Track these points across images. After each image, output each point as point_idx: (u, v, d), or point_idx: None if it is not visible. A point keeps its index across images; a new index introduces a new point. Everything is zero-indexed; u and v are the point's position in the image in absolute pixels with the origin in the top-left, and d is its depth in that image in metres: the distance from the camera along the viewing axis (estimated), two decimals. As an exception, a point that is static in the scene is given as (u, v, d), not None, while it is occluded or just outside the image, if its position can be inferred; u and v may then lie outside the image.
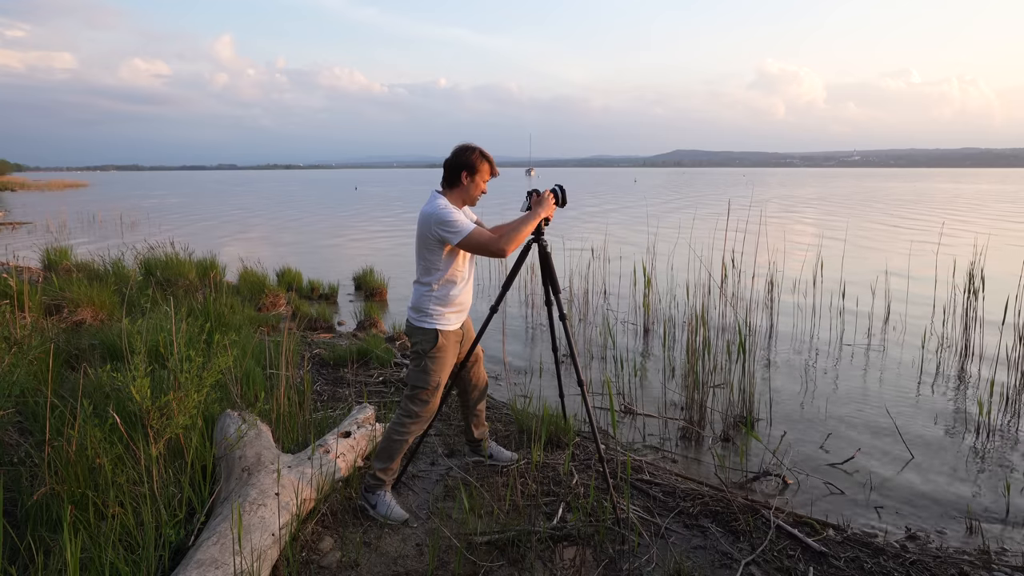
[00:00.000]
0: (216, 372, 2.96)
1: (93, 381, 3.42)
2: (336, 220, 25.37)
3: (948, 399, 5.22)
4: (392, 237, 18.28)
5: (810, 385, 5.55)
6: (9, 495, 2.67)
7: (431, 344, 2.94)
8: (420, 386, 2.98)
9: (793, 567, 2.72)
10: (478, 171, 2.94)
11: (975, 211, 26.25)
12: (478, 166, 2.93)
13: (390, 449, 3.03)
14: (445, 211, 2.82)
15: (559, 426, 3.91)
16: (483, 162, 2.94)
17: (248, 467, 2.78)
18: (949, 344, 6.57)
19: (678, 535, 2.98)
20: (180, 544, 2.46)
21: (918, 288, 8.58)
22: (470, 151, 2.94)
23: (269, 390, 4.10)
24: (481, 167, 2.94)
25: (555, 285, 3.06)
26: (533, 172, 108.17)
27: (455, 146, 2.99)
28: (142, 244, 9.38)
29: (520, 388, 5.34)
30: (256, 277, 8.74)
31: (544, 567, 2.68)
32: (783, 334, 7.15)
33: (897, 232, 17.69)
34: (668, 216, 22.61)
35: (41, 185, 59.41)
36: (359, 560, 2.70)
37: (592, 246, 10.19)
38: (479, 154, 2.94)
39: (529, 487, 3.30)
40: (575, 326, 7.53)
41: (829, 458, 4.09)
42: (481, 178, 2.96)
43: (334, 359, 5.56)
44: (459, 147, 2.97)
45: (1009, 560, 2.96)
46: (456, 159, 2.94)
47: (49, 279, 6.83)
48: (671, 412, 4.86)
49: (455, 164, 2.93)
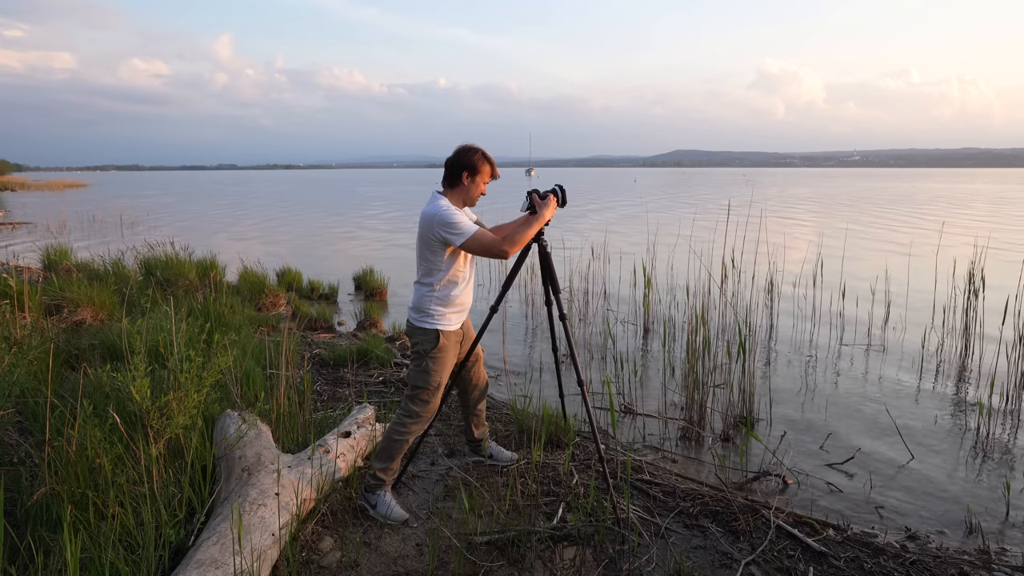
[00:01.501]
0: (216, 372, 2.96)
1: (93, 381, 3.41)
2: (325, 221, 25.40)
3: (948, 399, 5.22)
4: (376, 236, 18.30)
5: (810, 385, 5.55)
6: (9, 495, 2.67)
7: (432, 344, 2.94)
8: (421, 386, 2.98)
9: (793, 567, 2.72)
10: (479, 172, 2.93)
11: (948, 211, 26.27)
12: (479, 167, 2.93)
13: (390, 449, 3.03)
14: (448, 212, 2.82)
15: (559, 426, 3.91)
16: (484, 163, 2.94)
17: (248, 467, 2.78)
18: (949, 344, 6.58)
19: (678, 535, 2.98)
20: (180, 544, 2.45)
21: (918, 287, 8.58)
22: (472, 152, 2.93)
23: (269, 390, 4.10)
24: (482, 168, 2.94)
25: (555, 285, 3.06)
26: (533, 172, 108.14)
27: (457, 146, 2.98)
28: (141, 244, 9.38)
29: (520, 388, 5.33)
30: (256, 277, 8.74)
31: (544, 567, 2.68)
32: (783, 334, 7.15)
33: (865, 231, 17.71)
34: (668, 216, 22.61)
35: (41, 185, 59.38)
36: (359, 560, 2.70)
37: (592, 246, 10.18)
38: (481, 155, 2.93)
39: (529, 487, 3.30)
40: (575, 326, 7.53)
41: (829, 458, 4.09)
42: (482, 179, 2.96)
43: (334, 359, 5.56)
44: (461, 147, 2.96)
45: (1009, 560, 2.96)
46: (458, 159, 2.93)
47: (49, 279, 6.83)
48: (671, 412, 4.86)
49: (457, 164, 2.92)
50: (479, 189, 2.97)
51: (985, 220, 21.64)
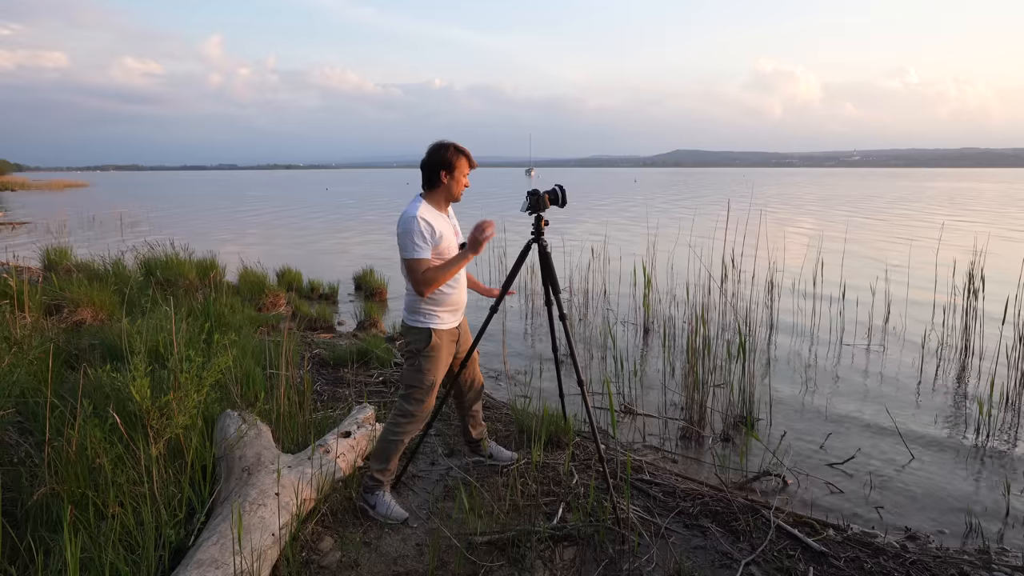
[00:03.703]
0: (216, 372, 2.95)
1: (93, 381, 3.41)
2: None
3: (948, 399, 5.22)
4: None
5: (810, 385, 5.55)
6: (9, 495, 2.66)
7: (425, 343, 2.93)
8: (414, 385, 2.97)
9: (793, 567, 2.72)
10: (456, 167, 2.88)
11: (948, 211, 26.27)
12: (455, 162, 2.87)
13: (386, 450, 3.02)
14: (410, 224, 2.77)
15: (559, 426, 3.91)
16: (459, 157, 2.87)
17: (248, 467, 2.78)
18: (949, 344, 6.57)
19: (678, 535, 2.98)
20: (180, 544, 2.46)
21: (918, 286, 8.58)
22: (444, 148, 2.86)
23: (269, 390, 4.10)
24: (459, 163, 2.87)
25: (555, 285, 3.05)
26: (533, 172, 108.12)
27: (429, 146, 2.91)
28: (140, 243, 9.37)
29: (520, 388, 5.33)
30: (256, 277, 8.74)
31: (544, 567, 2.68)
32: (783, 334, 7.15)
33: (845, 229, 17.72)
34: (668, 216, 22.60)
35: (41, 185, 59.36)
36: (359, 560, 2.70)
37: (592, 246, 10.18)
38: (454, 150, 2.86)
39: (529, 487, 3.30)
40: (575, 326, 7.53)
41: (829, 458, 4.09)
42: (461, 173, 2.90)
43: (334, 359, 5.56)
44: (433, 146, 2.89)
45: (1009, 560, 2.96)
46: (431, 159, 2.86)
47: (49, 279, 6.83)
48: (671, 412, 4.86)
49: (432, 164, 2.86)
50: (460, 184, 2.92)
51: (986, 219, 21.65)
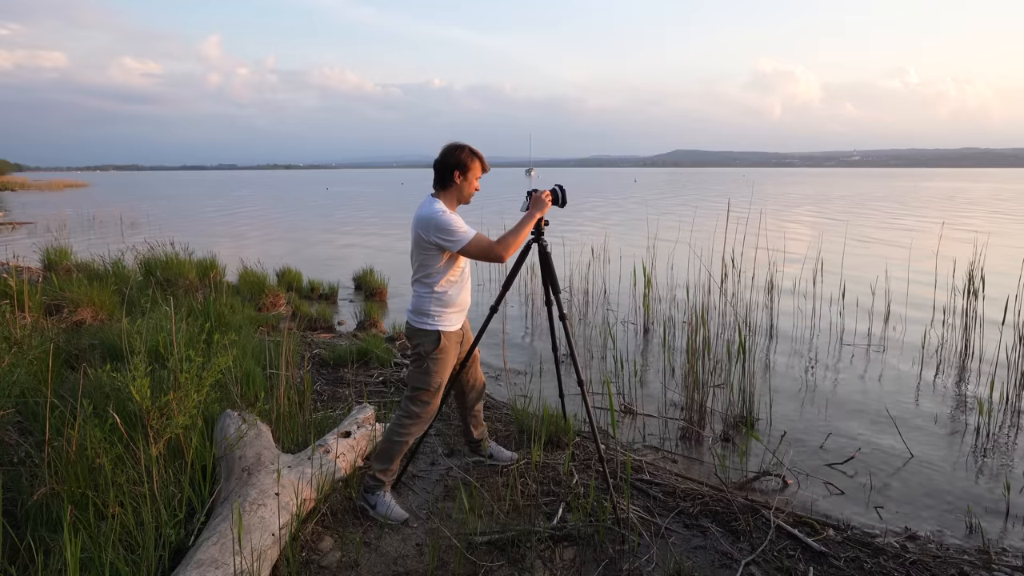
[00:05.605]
0: (216, 372, 2.95)
1: (93, 381, 3.41)
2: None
3: (948, 399, 5.22)
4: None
5: (810, 385, 5.55)
6: (9, 495, 2.66)
7: (433, 346, 2.93)
8: (421, 387, 2.97)
9: (793, 567, 2.72)
10: (470, 169, 2.89)
11: (947, 210, 26.28)
12: (469, 164, 2.88)
13: (390, 450, 3.02)
14: (444, 218, 2.78)
15: (559, 426, 3.91)
16: (474, 159, 2.89)
17: (248, 467, 2.78)
18: (949, 343, 6.57)
19: (678, 535, 2.98)
20: (180, 544, 2.46)
21: (918, 286, 8.57)
22: (459, 149, 2.88)
23: (269, 390, 4.10)
24: (472, 165, 2.89)
25: (555, 285, 3.05)
26: (533, 172, 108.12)
27: (443, 146, 2.93)
28: (139, 242, 9.37)
29: (520, 388, 5.33)
30: (256, 277, 8.74)
31: (544, 567, 2.68)
32: (783, 334, 7.15)
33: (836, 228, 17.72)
34: (668, 216, 22.60)
35: (41, 185, 59.33)
36: (359, 560, 2.70)
37: (592, 246, 10.18)
38: (469, 152, 2.88)
39: (529, 487, 3.30)
40: (575, 326, 7.53)
41: (829, 458, 4.09)
42: (474, 175, 2.92)
43: (334, 359, 5.56)
44: (448, 146, 2.91)
45: (1009, 560, 2.96)
46: (446, 159, 2.88)
47: (49, 279, 6.83)
48: (671, 412, 4.86)
49: (446, 164, 2.87)
50: (472, 186, 2.93)
51: (987, 219, 21.65)
